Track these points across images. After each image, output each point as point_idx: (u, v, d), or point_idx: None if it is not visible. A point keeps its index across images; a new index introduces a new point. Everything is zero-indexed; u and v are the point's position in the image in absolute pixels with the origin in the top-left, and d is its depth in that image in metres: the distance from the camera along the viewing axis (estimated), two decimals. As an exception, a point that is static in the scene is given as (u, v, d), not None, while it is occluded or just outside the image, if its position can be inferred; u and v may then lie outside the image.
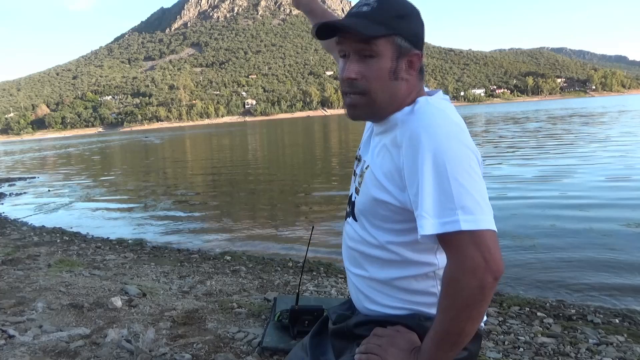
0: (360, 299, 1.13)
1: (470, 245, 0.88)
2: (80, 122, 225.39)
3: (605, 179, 8.39)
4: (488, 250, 0.88)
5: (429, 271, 1.04)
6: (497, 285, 0.92)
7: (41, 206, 9.87)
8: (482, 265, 0.88)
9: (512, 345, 2.57)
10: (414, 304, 1.06)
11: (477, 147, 0.93)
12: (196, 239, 6.29)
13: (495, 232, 0.90)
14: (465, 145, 0.90)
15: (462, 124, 0.95)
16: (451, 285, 0.90)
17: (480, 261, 0.88)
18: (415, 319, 1.04)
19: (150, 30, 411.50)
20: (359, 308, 1.16)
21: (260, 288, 3.69)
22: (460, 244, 0.88)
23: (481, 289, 0.88)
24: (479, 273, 0.88)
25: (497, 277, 0.89)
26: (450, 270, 0.90)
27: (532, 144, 16.11)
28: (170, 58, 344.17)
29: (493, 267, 0.88)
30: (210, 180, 13.19)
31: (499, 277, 0.90)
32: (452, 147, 0.89)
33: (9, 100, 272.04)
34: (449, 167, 0.87)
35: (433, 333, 0.93)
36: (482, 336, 1.08)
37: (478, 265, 0.88)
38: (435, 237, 0.90)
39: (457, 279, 0.89)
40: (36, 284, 3.46)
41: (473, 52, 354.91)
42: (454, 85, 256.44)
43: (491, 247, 0.89)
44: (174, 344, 2.36)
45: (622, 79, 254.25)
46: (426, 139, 0.89)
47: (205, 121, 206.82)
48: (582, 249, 4.74)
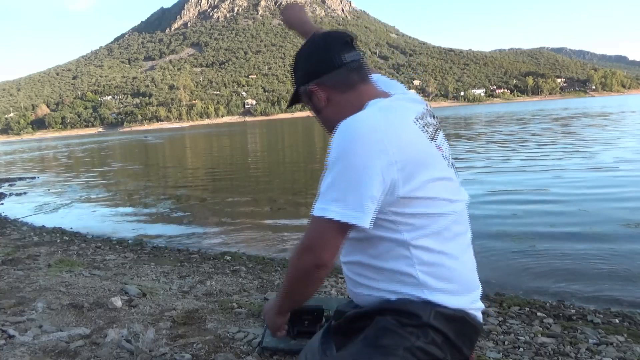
0: (349, 286, 1.22)
1: (310, 229, 1.04)
2: (80, 122, 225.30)
3: (605, 179, 8.39)
4: (320, 238, 1.02)
5: (401, 248, 1.10)
6: (320, 275, 1.06)
7: (41, 206, 9.87)
8: (308, 248, 1.03)
9: (512, 345, 2.57)
10: (398, 285, 1.11)
11: (397, 146, 1.02)
12: (196, 239, 6.29)
13: (343, 225, 1.00)
14: (363, 144, 1.01)
15: (377, 125, 1.03)
16: (290, 257, 1.09)
17: (308, 244, 1.03)
18: (403, 303, 1.10)
19: (150, 30, 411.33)
20: (351, 296, 1.23)
21: (260, 288, 3.69)
22: (308, 226, 1.05)
23: (302, 269, 1.05)
24: (304, 255, 1.03)
25: (318, 264, 1.03)
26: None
27: (533, 144, 16.11)
28: (170, 58, 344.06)
29: (317, 253, 1.02)
30: (210, 180, 13.18)
31: (320, 266, 1.03)
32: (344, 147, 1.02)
33: (9, 100, 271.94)
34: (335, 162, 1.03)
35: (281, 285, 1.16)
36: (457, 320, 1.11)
37: (305, 248, 1.04)
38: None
39: (292, 253, 1.07)
40: (36, 284, 3.46)
41: (473, 52, 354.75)
42: (454, 85, 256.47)
43: (324, 237, 1.02)
44: (174, 344, 2.36)
45: (622, 79, 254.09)
46: (333, 140, 1.06)
47: (205, 121, 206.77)
48: (582, 249, 4.73)
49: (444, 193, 1.11)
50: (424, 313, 1.08)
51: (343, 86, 1.19)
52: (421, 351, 1.06)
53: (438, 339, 1.07)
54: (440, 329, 1.08)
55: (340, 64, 1.18)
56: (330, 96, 1.21)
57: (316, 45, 1.23)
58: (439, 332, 1.08)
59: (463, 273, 1.15)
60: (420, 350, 1.06)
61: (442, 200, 1.11)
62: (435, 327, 1.07)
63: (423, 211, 1.09)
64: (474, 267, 1.21)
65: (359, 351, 1.09)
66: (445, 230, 1.12)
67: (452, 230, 1.13)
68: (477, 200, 7.14)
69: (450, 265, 1.12)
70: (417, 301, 1.09)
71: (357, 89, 1.20)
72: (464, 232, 1.20)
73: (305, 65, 1.25)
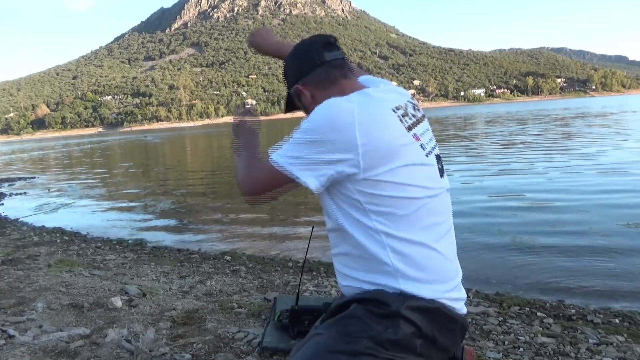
0: (338, 279, 1.25)
1: (260, 168, 1.22)
2: (80, 122, 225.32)
3: (605, 179, 8.39)
4: (258, 172, 1.22)
5: (374, 235, 1.12)
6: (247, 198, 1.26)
7: (41, 206, 9.87)
8: (250, 182, 1.24)
9: (512, 345, 2.57)
10: (376, 274, 1.13)
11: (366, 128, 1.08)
12: (196, 239, 6.28)
13: (279, 168, 1.13)
14: (334, 120, 1.10)
15: (351, 106, 1.11)
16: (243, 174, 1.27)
17: (251, 181, 1.24)
18: (378, 292, 1.11)
19: (150, 30, 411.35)
20: (340, 289, 1.26)
21: (260, 288, 3.68)
22: (260, 165, 1.23)
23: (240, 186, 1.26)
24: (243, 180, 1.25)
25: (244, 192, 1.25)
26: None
27: (533, 144, 16.11)
28: (170, 58, 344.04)
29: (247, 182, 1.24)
30: (210, 180, 13.18)
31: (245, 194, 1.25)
32: (315, 118, 1.12)
33: (9, 100, 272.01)
34: (303, 126, 1.13)
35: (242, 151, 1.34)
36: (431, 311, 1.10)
37: (248, 180, 1.25)
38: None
39: (245, 174, 1.27)
40: (36, 284, 3.46)
41: (473, 52, 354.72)
42: (454, 85, 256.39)
43: (260, 172, 1.21)
44: (174, 344, 2.36)
45: (622, 79, 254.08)
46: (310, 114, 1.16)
47: (205, 121, 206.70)
48: (582, 249, 4.74)
49: (416, 179, 1.12)
50: (394, 302, 1.07)
51: (325, 82, 1.25)
52: (389, 342, 1.05)
53: (409, 330, 1.06)
54: (412, 320, 1.06)
55: (321, 63, 1.25)
56: (314, 93, 1.27)
57: (299, 49, 1.32)
58: (411, 323, 1.06)
59: (439, 261, 1.14)
60: (388, 341, 1.05)
61: (413, 186, 1.11)
62: (406, 318, 1.06)
63: (390, 194, 1.10)
64: (453, 255, 1.20)
65: (326, 335, 1.10)
66: (418, 216, 1.12)
67: (427, 217, 1.14)
68: (477, 200, 7.15)
69: (424, 253, 1.12)
70: (390, 291, 1.10)
71: (338, 84, 1.25)
72: (443, 221, 1.19)
73: (291, 68, 1.33)
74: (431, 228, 1.14)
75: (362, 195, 1.11)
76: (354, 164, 1.08)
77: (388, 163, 1.09)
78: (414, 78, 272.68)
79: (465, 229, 5.63)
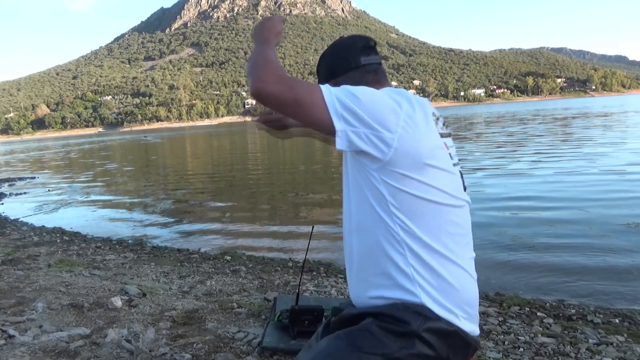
0: (352, 288, 1.19)
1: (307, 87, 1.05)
2: (80, 122, 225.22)
3: (605, 179, 8.39)
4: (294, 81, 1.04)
5: (394, 235, 1.07)
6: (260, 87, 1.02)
7: (41, 206, 9.87)
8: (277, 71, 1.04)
9: (512, 345, 2.57)
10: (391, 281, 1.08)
11: (410, 116, 1.06)
12: (196, 239, 6.28)
13: (317, 90, 1.03)
14: (378, 91, 1.09)
15: (403, 92, 1.12)
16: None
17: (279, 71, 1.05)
18: (395, 308, 1.06)
19: (150, 30, 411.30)
20: (352, 297, 1.20)
21: (260, 288, 3.68)
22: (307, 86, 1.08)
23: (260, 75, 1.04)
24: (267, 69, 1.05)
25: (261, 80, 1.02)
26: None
27: (534, 144, 16.11)
28: (170, 58, 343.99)
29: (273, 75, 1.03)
30: (210, 180, 13.18)
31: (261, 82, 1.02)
32: (364, 88, 1.08)
33: (9, 100, 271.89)
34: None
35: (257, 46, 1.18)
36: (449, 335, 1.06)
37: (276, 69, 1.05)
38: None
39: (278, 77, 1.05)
40: (36, 284, 3.46)
41: (473, 52, 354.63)
42: (454, 85, 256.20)
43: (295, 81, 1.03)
44: (174, 344, 2.36)
45: (622, 79, 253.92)
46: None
47: (205, 121, 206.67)
48: (582, 249, 4.74)
49: (443, 184, 1.10)
50: (414, 322, 1.03)
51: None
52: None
53: (425, 352, 1.02)
54: (430, 342, 1.03)
55: (357, 66, 1.24)
56: None
57: (338, 47, 1.29)
58: (428, 345, 1.02)
59: (461, 277, 1.10)
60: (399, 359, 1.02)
61: (439, 190, 1.09)
62: (424, 339, 1.02)
63: (415, 192, 1.06)
64: (474, 272, 1.16)
65: (336, 346, 1.07)
66: (441, 223, 1.09)
67: (450, 226, 1.10)
68: (477, 200, 7.15)
69: (447, 265, 1.08)
70: (408, 307, 1.05)
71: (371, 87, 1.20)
72: (465, 234, 1.16)
73: (325, 65, 1.30)
74: (453, 238, 1.11)
75: (386, 187, 1.06)
76: (387, 144, 1.02)
77: (418, 159, 1.06)
78: (414, 78, 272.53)
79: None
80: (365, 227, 1.12)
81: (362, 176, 1.10)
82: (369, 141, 1.03)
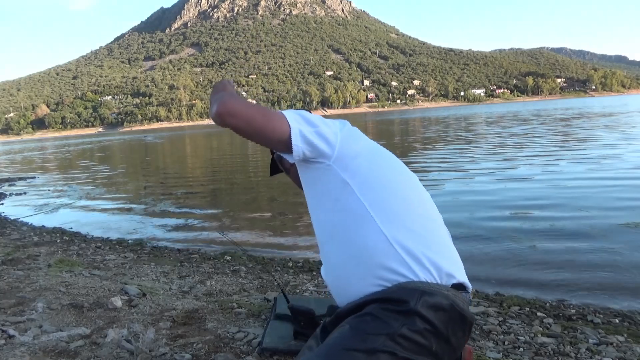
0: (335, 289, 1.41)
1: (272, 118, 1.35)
2: (80, 122, 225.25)
3: (605, 179, 8.39)
4: (250, 106, 1.29)
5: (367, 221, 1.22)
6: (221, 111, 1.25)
7: (41, 206, 9.87)
8: (235, 100, 1.27)
9: (512, 345, 2.57)
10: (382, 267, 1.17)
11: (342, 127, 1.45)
12: (196, 239, 6.29)
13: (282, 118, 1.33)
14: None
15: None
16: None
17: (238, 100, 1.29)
18: (391, 290, 1.13)
19: (150, 30, 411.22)
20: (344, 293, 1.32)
21: (260, 288, 3.68)
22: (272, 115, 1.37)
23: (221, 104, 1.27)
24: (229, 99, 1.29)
25: (224, 107, 1.25)
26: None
27: (534, 144, 16.11)
28: (170, 58, 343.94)
29: (232, 102, 1.27)
30: (210, 180, 13.18)
31: (223, 109, 1.25)
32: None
33: (9, 100, 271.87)
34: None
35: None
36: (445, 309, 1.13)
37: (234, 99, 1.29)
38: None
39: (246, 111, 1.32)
40: (36, 284, 3.46)
41: (473, 52, 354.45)
42: (454, 85, 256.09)
43: (252, 106, 1.29)
44: (174, 344, 2.36)
45: (622, 79, 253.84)
46: None
47: (205, 121, 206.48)
48: (582, 249, 4.74)
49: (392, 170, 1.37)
50: (411, 299, 1.08)
51: None
52: (403, 338, 1.06)
53: (424, 328, 1.07)
54: (428, 318, 1.08)
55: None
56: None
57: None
58: (426, 321, 1.08)
59: (442, 235, 1.27)
60: (403, 337, 1.06)
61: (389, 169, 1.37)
62: (423, 315, 1.07)
63: (366, 165, 1.32)
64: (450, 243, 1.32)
65: (342, 335, 1.10)
66: (404, 194, 1.27)
67: (415, 197, 1.30)
68: (477, 201, 7.15)
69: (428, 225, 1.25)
70: (403, 286, 1.11)
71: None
72: (431, 208, 1.35)
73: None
74: (420, 208, 1.29)
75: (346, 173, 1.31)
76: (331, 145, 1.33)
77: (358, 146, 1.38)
78: (414, 78, 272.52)
79: (464, 229, 5.63)
80: (336, 223, 1.29)
81: (319, 175, 1.41)
82: (315, 146, 1.40)
